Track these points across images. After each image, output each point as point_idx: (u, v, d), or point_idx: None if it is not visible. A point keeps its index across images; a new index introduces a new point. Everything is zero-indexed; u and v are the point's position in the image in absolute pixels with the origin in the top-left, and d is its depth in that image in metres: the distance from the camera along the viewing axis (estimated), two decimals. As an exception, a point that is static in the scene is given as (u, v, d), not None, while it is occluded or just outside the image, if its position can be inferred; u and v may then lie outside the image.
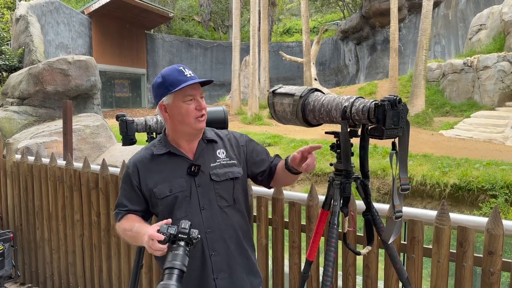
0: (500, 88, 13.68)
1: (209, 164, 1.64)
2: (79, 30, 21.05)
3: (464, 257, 1.76)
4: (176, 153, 1.63)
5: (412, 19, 24.24)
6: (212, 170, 1.63)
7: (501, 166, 8.58)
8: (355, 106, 1.55)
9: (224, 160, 1.66)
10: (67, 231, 3.21)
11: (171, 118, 1.61)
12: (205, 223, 1.59)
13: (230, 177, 1.64)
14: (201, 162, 1.62)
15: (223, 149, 1.69)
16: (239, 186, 1.67)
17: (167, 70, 1.61)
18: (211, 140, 1.69)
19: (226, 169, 1.65)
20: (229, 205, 1.64)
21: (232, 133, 1.79)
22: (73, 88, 8.62)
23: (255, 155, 1.76)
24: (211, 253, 1.59)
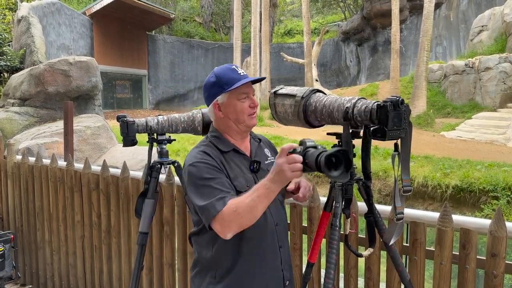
0: (501, 90, 13.65)
1: (264, 161, 1.69)
2: (81, 31, 21.07)
3: (467, 259, 1.75)
4: (239, 151, 1.64)
5: (414, 20, 24.23)
6: (267, 167, 1.64)
7: (503, 168, 8.56)
8: (357, 107, 1.53)
9: (271, 158, 1.73)
10: (67, 232, 3.20)
11: (225, 117, 1.62)
12: (274, 216, 1.63)
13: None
14: (258, 159, 1.66)
15: (267, 148, 1.76)
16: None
17: (220, 70, 1.63)
18: (259, 139, 1.77)
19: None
20: (283, 199, 1.74)
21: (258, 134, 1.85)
22: (74, 89, 8.62)
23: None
24: (280, 245, 1.64)
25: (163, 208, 2.60)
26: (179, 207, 2.57)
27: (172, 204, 2.61)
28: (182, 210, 2.56)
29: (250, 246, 1.56)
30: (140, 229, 2.17)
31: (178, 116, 2.20)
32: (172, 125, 2.17)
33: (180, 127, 2.18)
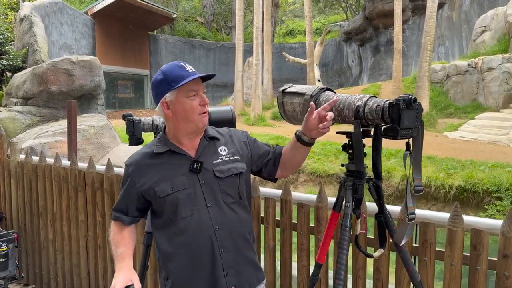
0: (504, 90, 13.60)
1: (212, 161, 1.61)
2: (83, 31, 21.08)
3: (478, 260, 1.72)
4: (177, 151, 1.60)
5: (416, 21, 24.19)
6: (215, 167, 1.60)
7: (506, 168, 8.52)
8: (368, 105, 1.51)
9: (226, 156, 1.64)
10: (71, 232, 3.18)
11: (173, 115, 1.57)
12: (213, 220, 1.57)
13: (234, 173, 1.63)
14: (203, 159, 1.60)
15: (224, 146, 1.67)
16: (243, 182, 1.67)
17: (167, 67, 1.60)
18: (212, 138, 1.67)
19: (229, 165, 1.63)
20: (235, 201, 1.63)
21: (233, 130, 1.79)
22: (77, 88, 8.59)
23: (257, 148, 1.78)
24: (221, 250, 1.57)
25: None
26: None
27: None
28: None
29: (181, 252, 1.57)
30: (146, 229, 2.15)
31: (184, 115, 2.17)
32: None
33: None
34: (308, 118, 1.54)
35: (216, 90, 30.54)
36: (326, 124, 1.49)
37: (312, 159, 10.86)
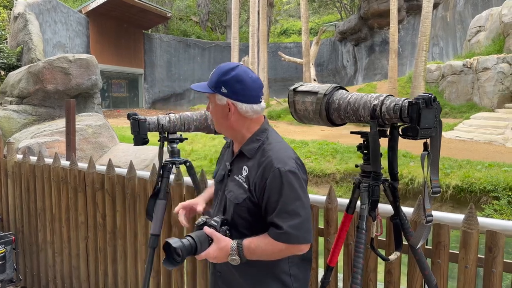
0: (499, 90, 13.67)
1: (234, 175, 1.55)
2: (77, 29, 20.90)
3: (494, 262, 1.69)
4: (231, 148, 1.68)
5: (410, 21, 24.28)
6: (231, 181, 1.56)
7: (503, 168, 8.55)
8: (386, 104, 1.47)
9: (241, 178, 1.50)
10: (70, 234, 3.11)
11: None
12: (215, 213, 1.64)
13: (229, 197, 1.54)
14: (233, 167, 1.58)
15: (247, 167, 1.50)
16: (240, 211, 1.50)
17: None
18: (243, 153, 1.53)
19: (235, 188, 1.52)
20: (230, 222, 1.52)
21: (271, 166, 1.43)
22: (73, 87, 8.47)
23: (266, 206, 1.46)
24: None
25: (172, 208, 2.53)
26: (189, 208, 2.49)
27: (181, 205, 2.54)
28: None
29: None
30: (151, 231, 2.10)
31: (190, 114, 2.13)
32: (184, 123, 2.10)
33: (193, 126, 2.11)
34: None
35: (211, 90, 30.39)
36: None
37: (309, 158, 10.85)
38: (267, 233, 1.43)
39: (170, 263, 1.36)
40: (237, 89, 1.45)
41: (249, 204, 1.46)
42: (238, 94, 1.46)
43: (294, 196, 1.39)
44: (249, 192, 1.46)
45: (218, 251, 1.41)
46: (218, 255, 1.41)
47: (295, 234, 1.39)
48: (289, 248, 1.42)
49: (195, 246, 1.38)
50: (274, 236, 1.40)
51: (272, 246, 1.41)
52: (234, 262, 1.42)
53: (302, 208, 1.41)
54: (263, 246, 1.41)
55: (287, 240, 1.39)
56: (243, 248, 1.41)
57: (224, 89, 1.46)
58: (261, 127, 1.54)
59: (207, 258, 1.43)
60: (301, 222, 1.40)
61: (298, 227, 1.39)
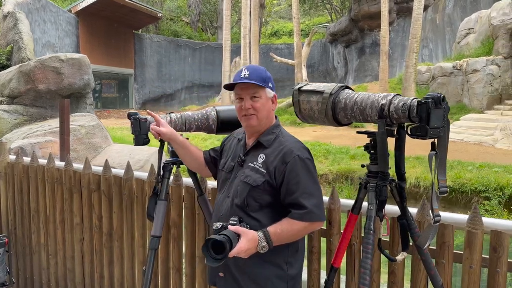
0: (488, 92, 13.84)
1: (249, 163, 1.70)
2: (66, 29, 20.66)
3: (499, 262, 1.69)
4: (242, 141, 1.79)
5: (400, 23, 24.46)
6: (246, 168, 1.69)
7: (493, 169, 8.65)
8: (394, 104, 1.46)
9: (258, 164, 1.67)
10: (65, 235, 3.06)
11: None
12: (223, 208, 1.73)
13: (247, 181, 1.67)
14: (247, 158, 1.72)
15: (264, 155, 1.68)
16: (256, 194, 1.65)
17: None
18: (261, 143, 1.71)
19: (252, 172, 1.66)
20: (240, 206, 1.68)
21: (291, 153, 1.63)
22: (66, 87, 8.35)
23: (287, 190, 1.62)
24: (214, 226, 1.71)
25: (170, 210, 2.49)
26: (188, 209, 2.46)
27: (180, 205, 2.50)
28: (191, 212, 2.46)
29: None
30: (152, 233, 2.06)
31: (191, 114, 2.10)
32: (185, 123, 2.07)
33: (194, 126, 2.08)
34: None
35: (202, 90, 30.34)
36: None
37: (302, 159, 10.84)
38: (288, 217, 1.59)
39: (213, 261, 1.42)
40: (274, 85, 1.73)
41: (267, 187, 1.62)
42: (274, 89, 1.73)
43: (312, 179, 1.61)
44: (267, 176, 1.62)
45: (248, 243, 1.49)
46: (249, 247, 1.49)
47: (317, 212, 1.58)
48: (311, 226, 1.61)
49: (231, 242, 1.43)
50: (297, 216, 1.57)
51: (296, 226, 1.57)
52: (264, 250, 1.53)
53: (319, 190, 1.63)
54: (288, 228, 1.56)
55: (311, 218, 1.57)
56: (270, 234, 1.54)
57: (270, 84, 1.69)
58: (276, 122, 1.76)
59: (238, 254, 1.47)
60: (320, 202, 1.61)
61: (318, 206, 1.59)
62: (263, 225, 1.61)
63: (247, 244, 1.48)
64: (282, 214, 1.62)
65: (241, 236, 1.49)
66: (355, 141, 12.06)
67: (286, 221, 1.58)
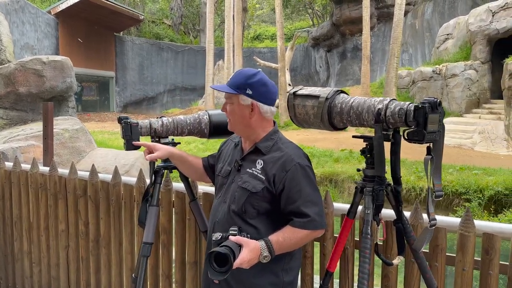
0: (467, 96, 14.16)
1: (247, 168, 1.67)
2: (46, 31, 20.26)
3: (491, 265, 1.71)
4: (238, 146, 1.77)
5: (381, 28, 24.84)
6: (243, 174, 1.65)
7: (473, 171, 8.83)
8: (390, 108, 1.47)
9: (256, 170, 1.63)
10: (50, 243, 2.97)
11: None
12: (219, 213, 1.71)
13: (245, 187, 1.64)
14: (244, 163, 1.69)
15: (263, 161, 1.64)
16: (254, 201, 1.62)
17: None
18: (258, 149, 1.67)
19: (251, 179, 1.63)
20: (237, 212, 1.64)
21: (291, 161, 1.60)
22: (47, 90, 8.15)
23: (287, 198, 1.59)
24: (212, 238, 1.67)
25: (160, 215, 2.45)
26: (178, 214, 2.43)
27: (170, 211, 2.47)
28: (181, 217, 2.42)
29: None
30: (144, 239, 2.02)
31: (183, 118, 2.07)
32: (177, 127, 2.04)
33: (186, 130, 2.05)
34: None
35: (185, 94, 30.17)
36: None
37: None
38: (289, 224, 1.57)
39: (217, 274, 1.38)
40: (262, 91, 1.61)
41: (266, 194, 1.60)
42: (262, 96, 1.62)
43: (313, 187, 1.59)
44: (266, 182, 1.59)
45: (251, 254, 1.46)
46: (252, 257, 1.46)
47: (319, 220, 1.57)
48: (312, 234, 1.59)
49: (233, 254, 1.40)
50: (300, 225, 1.55)
51: (299, 235, 1.55)
52: (266, 260, 1.50)
53: (319, 197, 1.62)
54: (290, 236, 1.54)
55: (314, 227, 1.56)
56: (272, 243, 1.51)
57: (250, 90, 1.60)
58: (274, 128, 1.71)
59: (241, 265, 1.44)
60: (321, 210, 1.60)
61: (320, 214, 1.58)
62: (260, 232, 1.59)
63: (249, 254, 1.45)
64: (279, 221, 1.60)
65: (243, 246, 1.45)
66: (338, 145, 12.17)
67: (288, 229, 1.55)
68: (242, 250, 1.44)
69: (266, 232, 1.57)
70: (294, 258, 1.69)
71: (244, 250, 1.44)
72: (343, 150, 11.11)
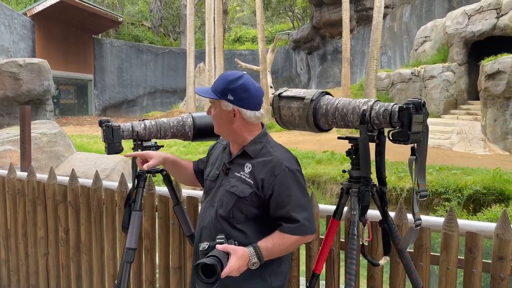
0: (445, 97, 14.45)
1: (235, 172, 1.63)
2: (21, 33, 19.80)
3: (474, 263, 1.74)
4: (227, 149, 1.73)
5: (360, 31, 25.17)
6: (231, 178, 1.62)
7: (452, 171, 9.00)
8: (375, 109, 1.48)
9: (244, 175, 1.59)
10: (28, 250, 2.89)
11: None
12: (207, 218, 1.67)
13: (233, 192, 1.60)
14: (232, 167, 1.65)
15: (251, 165, 1.59)
16: (242, 205, 1.57)
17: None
18: (246, 153, 1.63)
19: (239, 183, 1.59)
20: (225, 217, 1.60)
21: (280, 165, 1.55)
22: (24, 93, 7.94)
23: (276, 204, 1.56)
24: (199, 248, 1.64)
25: (143, 220, 2.41)
26: (161, 219, 2.39)
27: (153, 216, 2.43)
28: (165, 222, 2.38)
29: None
30: (127, 245, 1.97)
31: (166, 120, 2.04)
32: (160, 130, 2.01)
33: (169, 132, 2.02)
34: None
35: (165, 96, 29.91)
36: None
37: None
38: (278, 230, 1.54)
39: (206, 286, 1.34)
40: (243, 97, 1.56)
41: (254, 199, 1.56)
42: (243, 101, 1.56)
43: (302, 191, 1.55)
44: (255, 187, 1.55)
45: (239, 261, 1.42)
46: (240, 265, 1.43)
47: (309, 226, 1.53)
48: (302, 239, 1.56)
49: (221, 263, 1.36)
50: (289, 230, 1.52)
51: (288, 240, 1.52)
52: (255, 266, 1.47)
53: (309, 202, 1.59)
54: (279, 242, 1.51)
55: (303, 232, 1.53)
56: (261, 249, 1.48)
57: (231, 96, 1.56)
58: (262, 131, 1.66)
59: (230, 274, 1.40)
60: (311, 214, 1.57)
61: (310, 219, 1.55)
62: (248, 237, 1.56)
63: (238, 262, 1.42)
64: (268, 225, 1.57)
65: (231, 254, 1.42)
66: (320, 146, 12.24)
67: (277, 235, 1.52)
68: (230, 258, 1.41)
69: (254, 237, 1.54)
70: (283, 262, 1.66)
71: (232, 258, 1.41)
72: (325, 152, 11.19)
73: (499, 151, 11.69)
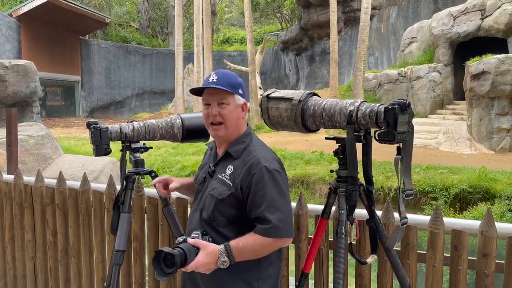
0: (431, 97, 14.63)
1: (218, 174, 1.62)
2: (7, 34, 19.54)
3: (460, 260, 1.77)
4: (214, 151, 1.72)
5: (348, 32, 25.35)
6: (214, 180, 1.61)
7: (439, 170, 9.11)
8: (361, 110, 1.50)
9: (225, 176, 1.57)
10: (15, 254, 2.86)
11: None
12: (193, 220, 1.67)
13: (212, 194, 1.59)
14: (217, 168, 1.63)
15: (233, 166, 1.57)
16: (222, 208, 1.54)
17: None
18: (229, 154, 1.61)
19: (218, 185, 1.58)
20: (207, 219, 1.59)
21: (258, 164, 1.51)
22: (10, 95, 7.82)
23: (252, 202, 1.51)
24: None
25: (132, 222, 2.40)
26: (150, 221, 2.39)
27: (142, 217, 2.42)
28: (154, 224, 2.38)
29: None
30: (116, 247, 1.97)
31: (155, 122, 2.04)
32: (149, 132, 2.01)
33: (158, 134, 2.02)
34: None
35: (154, 97, 29.76)
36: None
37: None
38: (253, 231, 1.48)
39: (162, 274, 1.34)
40: (245, 92, 1.63)
41: (232, 200, 1.52)
42: (246, 96, 1.64)
43: (279, 192, 1.48)
44: (233, 189, 1.52)
45: (207, 257, 1.40)
46: (208, 261, 1.40)
47: (282, 228, 1.46)
48: (276, 242, 1.48)
49: (185, 255, 1.35)
50: (262, 231, 1.45)
51: (260, 242, 1.45)
52: (224, 265, 1.42)
53: (286, 203, 1.51)
54: (251, 243, 1.45)
55: (276, 234, 1.45)
56: (231, 248, 1.43)
57: (241, 90, 1.60)
58: (246, 130, 1.65)
59: (197, 269, 1.39)
60: (287, 217, 1.49)
61: (284, 221, 1.46)
62: (225, 237, 1.52)
63: (206, 258, 1.39)
64: (250, 230, 1.50)
65: (200, 249, 1.39)
66: (309, 147, 12.30)
67: (250, 236, 1.46)
68: (199, 252, 1.39)
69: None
70: (272, 266, 1.60)
71: (200, 253, 1.39)
72: (314, 152, 11.24)
73: (484, 150, 11.87)
